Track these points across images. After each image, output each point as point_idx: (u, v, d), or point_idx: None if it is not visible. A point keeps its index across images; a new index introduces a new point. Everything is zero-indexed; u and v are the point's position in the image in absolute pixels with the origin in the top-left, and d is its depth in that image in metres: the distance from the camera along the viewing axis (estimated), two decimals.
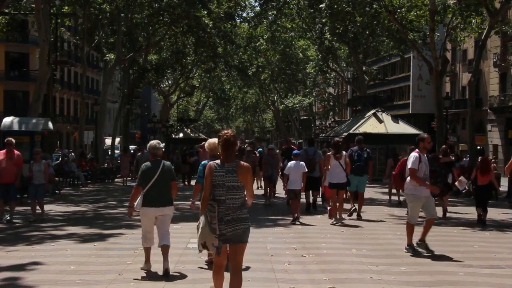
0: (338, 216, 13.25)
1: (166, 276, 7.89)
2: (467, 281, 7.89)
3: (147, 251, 8.30)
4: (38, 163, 14.25)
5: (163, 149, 9.66)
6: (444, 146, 17.59)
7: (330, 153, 13.68)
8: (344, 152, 13.69)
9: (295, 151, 14.80)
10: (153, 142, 8.42)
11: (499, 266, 8.94)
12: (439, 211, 14.09)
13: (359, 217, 14.14)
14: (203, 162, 8.51)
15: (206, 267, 8.47)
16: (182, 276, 8.02)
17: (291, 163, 13.76)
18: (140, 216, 8.31)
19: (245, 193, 6.03)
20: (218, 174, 5.94)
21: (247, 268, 8.24)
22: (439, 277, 8.06)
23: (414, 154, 9.80)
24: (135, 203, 8.10)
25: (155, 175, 8.02)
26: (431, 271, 8.42)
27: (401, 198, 18.13)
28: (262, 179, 21.34)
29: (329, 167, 13.47)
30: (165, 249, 8.09)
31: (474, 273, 8.37)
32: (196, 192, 8.59)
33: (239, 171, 5.96)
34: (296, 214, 13.34)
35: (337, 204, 13.41)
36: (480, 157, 14.32)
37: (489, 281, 7.90)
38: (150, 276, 8.03)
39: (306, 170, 13.73)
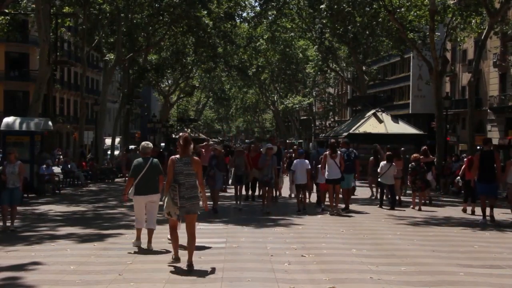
0: (334, 208, 15.14)
1: (150, 252, 9.65)
2: (467, 281, 7.90)
3: (139, 231, 9.99)
4: (12, 164, 12.67)
5: (161, 149, 11.23)
6: (424, 147, 19.98)
7: (327, 153, 15.37)
8: (339, 152, 15.48)
9: (300, 150, 17.02)
10: (144, 143, 10.30)
11: (499, 266, 8.95)
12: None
13: (347, 210, 15.87)
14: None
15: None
16: (182, 276, 8.03)
17: (297, 161, 15.76)
18: (133, 203, 10.11)
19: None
20: (178, 165, 8.35)
21: (204, 248, 9.43)
22: (439, 277, 8.07)
23: None
24: (129, 192, 9.93)
25: (144, 169, 9.83)
26: (431, 271, 8.42)
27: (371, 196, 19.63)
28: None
29: (326, 165, 15.24)
30: (150, 232, 9.96)
31: (474, 273, 8.37)
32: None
33: (192, 162, 8.42)
34: (304, 206, 15.53)
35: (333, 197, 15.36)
36: (467, 157, 16.75)
37: (489, 281, 7.91)
38: (150, 279, 8.04)
39: (310, 167, 15.70)
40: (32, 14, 30.08)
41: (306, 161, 15.75)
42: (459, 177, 18.05)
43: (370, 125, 29.40)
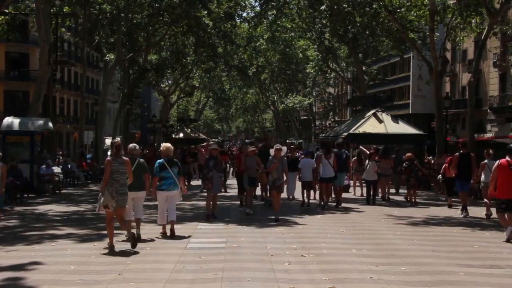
0: (327, 202, 16.84)
1: (139, 239, 10.42)
2: (467, 281, 7.90)
3: (129, 223, 10.69)
4: None
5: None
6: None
7: (321, 153, 17.08)
8: (332, 152, 17.03)
9: (306, 151, 18.59)
10: (131, 145, 11.32)
11: (499, 266, 8.95)
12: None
13: (339, 206, 17.04)
14: (158, 161, 11.64)
15: (161, 236, 11.25)
16: (182, 276, 8.03)
17: (303, 160, 17.10)
18: None
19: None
20: (115, 164, 9.75)
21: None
22: (439, 277, 8.07)
23: None
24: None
25: (132, 168, 10.55)
26: (431, 271, 8.42)
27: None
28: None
29: (320, 165, 16.73)
30: (138, 220, 10.96)
31: (474, 273, 8.37)
32: (154, 182, 11.47)
33: (125, 163, 9.91)
34: (306, 201, 16.76)
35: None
36: (448, 157, 18.72)
37: (489, 281, 7.91)
38: (150, 279, 8.04)
39: (315, 165, 16.81)
40: (32, 14, 30.07)
41: (312, 160, 17.05)
42: (440, 175, 19.80)
43: (370, 125, 29.34)
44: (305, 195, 16.96)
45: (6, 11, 27.82)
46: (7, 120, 22.08)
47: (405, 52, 40.72)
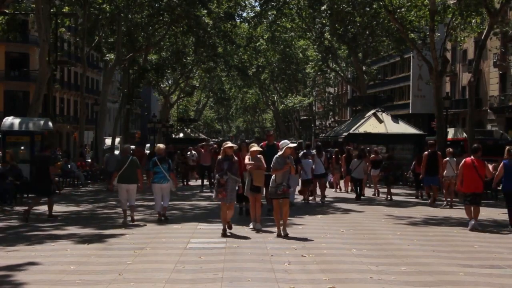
0: (322, 197, 18.47)
1: (132, 221, 13.07)
2: (467, 281, 7.90)
3: (125, 212, 13.14)
4: None
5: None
6: (375, 148, 24.20)
7: (314, 153, 18.49)
8: (323, 152, 19.28)
9: (304, 151, 18.66)
10: (125, 145, 14.31)
11: (499, 266, 8.95)
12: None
13: (324, 200, 18.55)
14: (152, 159, 13.61)
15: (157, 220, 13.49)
16: (182, 276, 8.03)
17: (303, 160, 17.84)
18: (118, 190, 13.50)
19: None
20: None
21: None
22: (439, 277, 8.07)
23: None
24: (115, 182, 13.39)
25: (125, 164, 13.22)
26: (431, 271, 8.42)
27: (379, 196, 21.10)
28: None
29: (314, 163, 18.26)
30: (132, 207, 13.35)
31: (474, 273, 8.37)
32: (149, 177, 13.72)
33: None
34: (307, 197, 18.34)
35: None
36: (418, 155, 20.37)
37: (489, 281, 7.91)
38: (150, 279, 8.05)
39: (313, 165, 17.96)
40: (32, 14, 30.07)
41: (310, 160, 18.16)
42: (410, 171, 21.76)
43: (370, 125, 29.36)
44: (306, 192, 18.61)
45: (6, 11, 27.82)
46: (7, 120, 22.08)
47: (405, 52, 40.71)
